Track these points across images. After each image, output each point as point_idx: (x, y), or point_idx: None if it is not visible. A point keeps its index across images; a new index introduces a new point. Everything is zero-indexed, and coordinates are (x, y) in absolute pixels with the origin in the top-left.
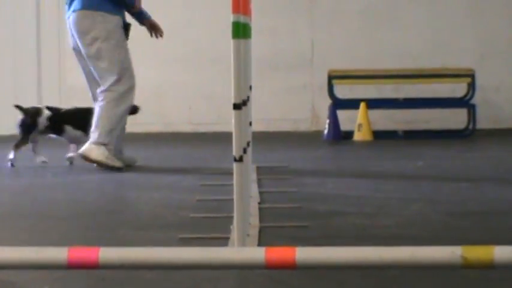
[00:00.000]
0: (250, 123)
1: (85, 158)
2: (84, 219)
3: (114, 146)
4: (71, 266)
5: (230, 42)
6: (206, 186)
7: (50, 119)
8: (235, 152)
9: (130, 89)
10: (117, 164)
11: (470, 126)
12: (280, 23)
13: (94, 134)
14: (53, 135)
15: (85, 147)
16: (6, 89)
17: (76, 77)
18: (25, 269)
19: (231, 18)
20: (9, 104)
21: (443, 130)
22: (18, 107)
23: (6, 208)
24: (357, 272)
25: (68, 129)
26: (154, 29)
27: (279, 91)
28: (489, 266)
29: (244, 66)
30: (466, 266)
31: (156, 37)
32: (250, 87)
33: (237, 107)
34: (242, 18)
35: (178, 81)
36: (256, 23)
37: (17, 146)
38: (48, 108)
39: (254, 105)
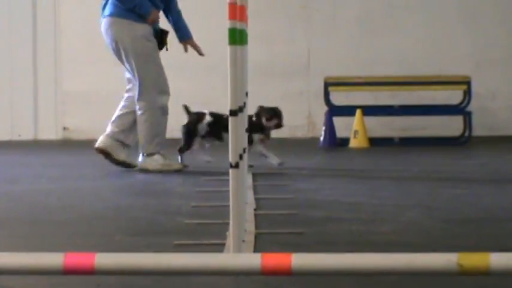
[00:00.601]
0: (247, 130)
1: (144, 171)
2: (81, 225)
3: (164, 150)
4: (67, 272)
5: (226, 49)
6: (202, 193)
7: (209, 124)
8: (232, 158)
9: (160, 94)
10: (175, 167)
11: (466, 134)
12: (277, 29)
13: (143, 146)
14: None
15: (141, 161)
16: (2, 94)
17: (72, 82)
18: (21, 274)
19: (227, 24)
20: (5, 109)
21: (440, 137)
22: (185, 108)
23: (2, 214)
24: (352, 278)
25: (225, 135)
26: (194, 49)
27: (275, 98)
28: (485, 273)
29: (241, 72)
30: (462, 273)
31: (201, 55)
32: (247, 94)
33: (233, 113)
34: (238, 25)
35: (174, 87)
36: (252, 29)
37: (181, 150)
38: (211, 114)
39: (250, 112)
